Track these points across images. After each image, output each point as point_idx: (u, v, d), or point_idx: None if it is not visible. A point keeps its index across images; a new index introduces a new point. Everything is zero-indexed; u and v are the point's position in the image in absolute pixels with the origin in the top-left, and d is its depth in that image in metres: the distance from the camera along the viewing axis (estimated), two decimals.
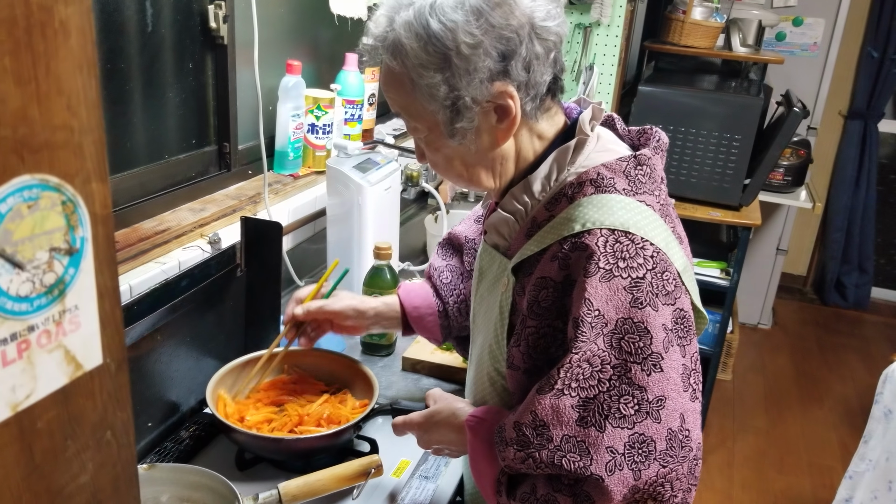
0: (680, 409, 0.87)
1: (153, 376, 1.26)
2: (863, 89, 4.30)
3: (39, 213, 0.44)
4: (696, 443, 0.89)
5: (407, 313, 1.32)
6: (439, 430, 1.08)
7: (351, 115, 2.02)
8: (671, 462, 0.86)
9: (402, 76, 0.93)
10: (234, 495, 1.04)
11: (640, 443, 0.85)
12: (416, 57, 0.90)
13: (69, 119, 0.45)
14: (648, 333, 0.85)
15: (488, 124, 0.95)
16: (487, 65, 0.89)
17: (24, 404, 0.45)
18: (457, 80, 0.90)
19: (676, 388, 0.87)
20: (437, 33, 0.88)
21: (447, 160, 1.00)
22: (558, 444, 0.86)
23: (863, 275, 4.67)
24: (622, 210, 0.90)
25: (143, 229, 1.47)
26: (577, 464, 0.85)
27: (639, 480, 0.85)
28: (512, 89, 0.92)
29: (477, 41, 0.88)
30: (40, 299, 0.45)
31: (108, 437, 0.53)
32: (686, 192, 2.83)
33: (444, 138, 0.96)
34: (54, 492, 0.49)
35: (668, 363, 0.86)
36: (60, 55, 0.43)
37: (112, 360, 0.52)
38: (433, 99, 0.92)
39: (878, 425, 2.17)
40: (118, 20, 1.39)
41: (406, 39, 0.90)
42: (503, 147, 0.97)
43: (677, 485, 0.87)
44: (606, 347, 0.86)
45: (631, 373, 0.85)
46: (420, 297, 1.32)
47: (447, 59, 0.89)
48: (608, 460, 0.84)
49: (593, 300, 0.86)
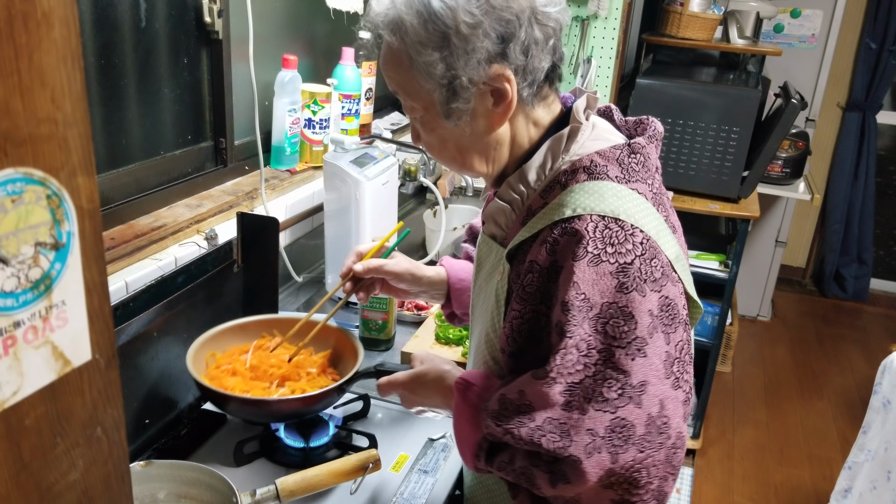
0: (660, 396, 0.87)
1: (150, 373, 1.26)
2: (861, 81, 4.29)
3: (24, 207, 0.43)
4: (676, 431, 0.88)
5: (451, 285, 1.30)
6: (426, 390, 1.09)
7: (348, 110, 2.01)
8: (648, 448, 0.86)
9: (401, 53, 0.93)
10: (231, 491, 1.04)
11: (621, 427, 0.85)
12: (415, 34, 0.90)
13: (53, 112, 0.44)
14: (633, 318, 0.85)
15: (484, 107, 0.95)
16: (486, 46, 0.89)
17: (11, 401, 0.45)
18: (454, 59, 0.90)
19: (658, 375, 0.87)
20: (438, 11, 0.88)
21: (441, 142, 1.00)
22: (540, 424, 0.86)
23: (862, 266, 4.67)
24: (614, 197, 0.90)
25: (138, 226, 1.47)
26: (556, 444, 0.85)
27: (615, 464, 0.85)
28: (509, 73, 0.92)
29: (476, 21, 0.88)
30: (26, 294, 0.45)
31: (99, 433, 0.53)
32: (684, 184, 2.82)
33: (440, 119, 0.96)
34: (44, 489, 0.49)
35: (651, 349, 0.86)
36: (44, 47, 0.43)
37: (101, 356, 0.51)
38: (430, 77, 0.92)
39: (876, 416, 2.16)
40: (111, 15, 1.38)
41: (406, 16, 0.90)
42: (498, 132, 0.97)
43: (654, 471, 0.87)
44: (592, 332, 0.86)
45: (615, 357, 0.85)
46: (465, 271, 1.31)
47: (446, 37, 0.89)
48: (587, 442, 0.84)
49: (581, 284, 0.86)
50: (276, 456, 1.27)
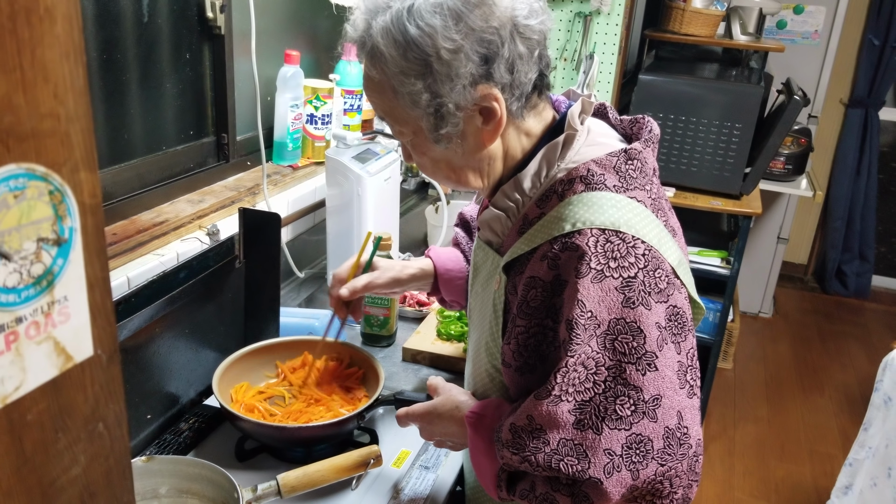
0: (677, 407, 0.86)
1: (152, 368, 1.26)
2: (864, 77, 4.28)
3: (26, 202, 0.43)
4: (696, 439, 0.88)
5: (439, 275, 1.32)
6: (442, 422, 1.08)
7: (350, 105, 2.01)
8: (670, 460, 0.85)
9: (383, 84, 0.91)
10: (233, 487, 1.04)
11: (638, 443, 0.84)
12: (395, 64, 0.88)
13: (56, 107, 0.44)
14: (642, 333, 0.84)
15: (474, 127, 0.93)
16: (469, 69, 0.87)
17: (14, 396, 0.45)
18: (439, 86, 0.88)
19: (672, 386, 0.86)
20: (416, 39, 0.86)
21: (434, 163, 0.99)
22: (555, 448, 0.85)
23: (864, 263, 4.67)
24: (612, 209, 0.89)
25: (140, 221, 1.47)
26: (574, 467, 0.84)
27: (637, 480, 0.84)
28: (496, 91, 0.90)
29: (457, 46, 0.86)
30: (28, 290, 0.45)
31: (101, 429, 0.53)
32: (686, 180, 2.82)
33: (430, 143, 0.95)
34: (46, 484, 0.49)
35: (662, 361, 0.85)
36: (46, 42, 0.42)
37: (103, 351, 0.51)
38: (416, 106, 0.90)
39: (877, 413, 2.17)
40: (114, 10, 1.38)
41: (384, 47, 0.88)
42: (490, 148, 0.96)
43: (676, 482, 0.87)
44: (600, 349, 0.85)
45: (626, 373, 0.84)
46: (451, 260, 1.34)
47: (427, 65, 0.87)
48: (606, 462, 0.84)
49: (586, 301, 0.85)
50: (278, 452, 1.27)
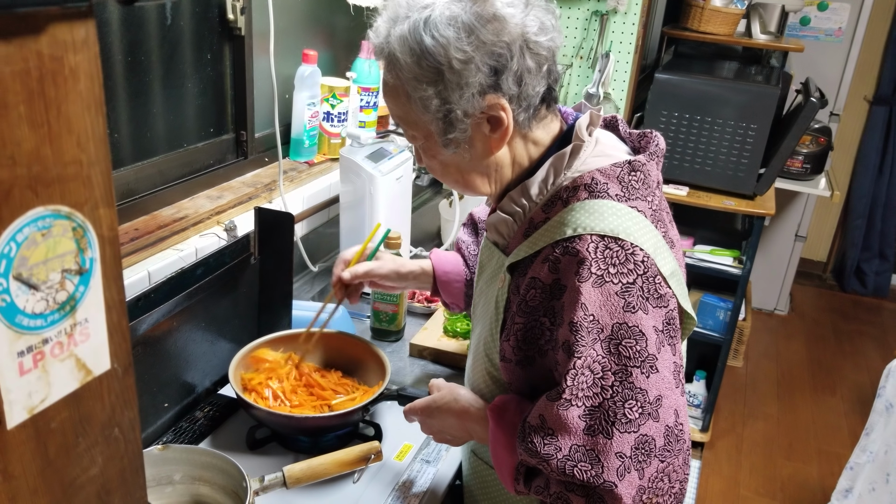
0: (674, 406, 0.91)
1: (170, 359, 1.33)
2: (889, 74, 4.24)
3: (52, 239, 0.49)
4: (687, 434, 0.94)
5: (437, 277, 1.39)
6: (441, 415, 1.13)
7: (366, 103, 2.05)
8: (668, 456, 0.90)
9: (398, 88, 0.97)
10: (242, 476, 1.10)
11: (644, 443, 0.88)
12: (409, 70, 0.94)
13: (78, 154, 0.49)
14: (643, 336, 0.89)
15: (481, 134, 0.98)
16: (478, 79, 0.93)
17: (40, 408, 0.51)
18: (449, 93, 0.94)
19: (670, 386, 0.91)
20: (430, 48, 0.92)
21: (443, 167, 1.04)
22: (568, 454, 0.89)
23: (883, 262, 4.64)
24: (613, 216, 0.93)
25: (161, 217, 1.53)
26: (588, 473, 0.88)
27: (643, 479, 0.88)
28: (504, 102, 0.95)
29: (468, 57, 0.91)
30: (53, 315, 0.50)
31: (116, 433, 0.59)
32: (700, 180, 2.83)
33: (439, 147, 1.00)
34: (67, 483, 0.55)
35: (661, 363, 0.90)
36: (70, 98, 0.48)
37: (119, 365, 0.57)
38: (427, 111, 0.96)
39: (879, 418, 2.19)
40: (139, 14, 1.43)
41: (401, 54, 0.94)
42: (498, 154, 1.01)
43: (674, 476, 0.91)
44: (605, 353, 0.89)
45: (632, 377, 0.88)
46: (451, 263, 1.40)
47: (440, 73, 0.93)
48: (618, 465, 0.87)
49: (588, 305, 0.89)
50: (287, 441, 1.33)
